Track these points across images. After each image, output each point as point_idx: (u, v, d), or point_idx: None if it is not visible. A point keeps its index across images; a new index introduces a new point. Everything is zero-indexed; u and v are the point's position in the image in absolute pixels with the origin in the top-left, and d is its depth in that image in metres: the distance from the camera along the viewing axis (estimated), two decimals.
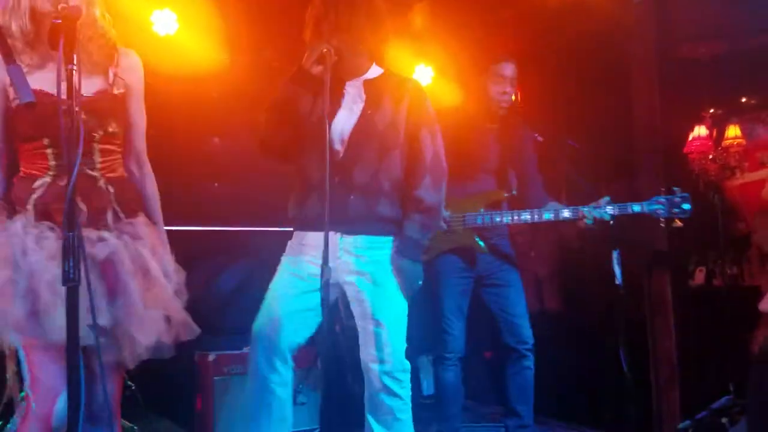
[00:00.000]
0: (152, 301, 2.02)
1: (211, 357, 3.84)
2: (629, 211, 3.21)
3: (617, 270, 3.35)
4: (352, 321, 2.59)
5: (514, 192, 3.42)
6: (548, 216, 3.26)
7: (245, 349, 3.94)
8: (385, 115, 2.51)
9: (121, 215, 2.06)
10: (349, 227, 2.47)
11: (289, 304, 2.52)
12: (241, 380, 3.83)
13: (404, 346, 2.55)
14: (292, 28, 2.62)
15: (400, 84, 2.60)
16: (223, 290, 4.45)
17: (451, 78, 5.10)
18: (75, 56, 1.35)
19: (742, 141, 5.71)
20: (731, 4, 4.82)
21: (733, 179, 5.94)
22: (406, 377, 2.53)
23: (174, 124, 4.26)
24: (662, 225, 3.29)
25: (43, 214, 1.96)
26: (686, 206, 3.18)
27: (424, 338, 3.50)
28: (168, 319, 2.06)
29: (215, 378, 3.80)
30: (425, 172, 2.55)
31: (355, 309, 2.54)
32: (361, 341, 2.53)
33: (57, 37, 1.33)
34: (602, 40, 4.67)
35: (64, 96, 1.82)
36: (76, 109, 1.34)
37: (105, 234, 1.98)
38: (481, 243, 3.32)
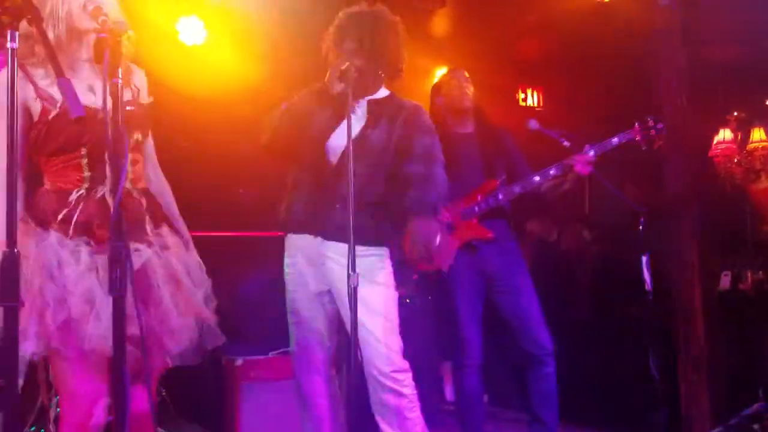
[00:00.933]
0: (184, 309, 2.05)
1: (239, 362, 3.86)
2: (608, 146, 3.27)
3: (647, 275, 3.34)
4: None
5: (504, 177, 3.43)
6: (537, 179, 3.28)
7: (272, 354, 3.98)
8: (380, 133, 2.60)
9: (151, 226, 2.09)
10: (332, 234, 2.56)
11: (302, 318, 2.71)
12: (269, 386, 3.87)
13: (400, 344, 2.60)
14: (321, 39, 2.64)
15: (400, 105, 2.68)
16: (250, 295, 4.47)
17: (472, 81, 5.09)
18: (120, 70, 1.36)
19: (767, 144, 5.66)
20: (756, 8, 4.77)
21: (758, 182, 5.89)
22: (407, 376, 2.58)
23: (202, 131, 4.30)
24: (644, 149, 3.32)
25: (80, 226, 1.97)
26: (660, 125, 3.29)
27: (445, 344, 3.50)
28: (200, 326, 2.09)
29: (243, 383, 3.82)
30: (416, 181, 2.63)
31: (344, 314, 2.56)
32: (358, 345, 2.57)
33: (102, 50, 1.34)
34: (628, 42, 4.65)
35: (96, 106, 1.86)
36: (121, 122, 1.35)
37: (139, 245, 2.01)
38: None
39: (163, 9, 4.14)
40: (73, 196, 1.98)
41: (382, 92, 2.70)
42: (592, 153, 3.25)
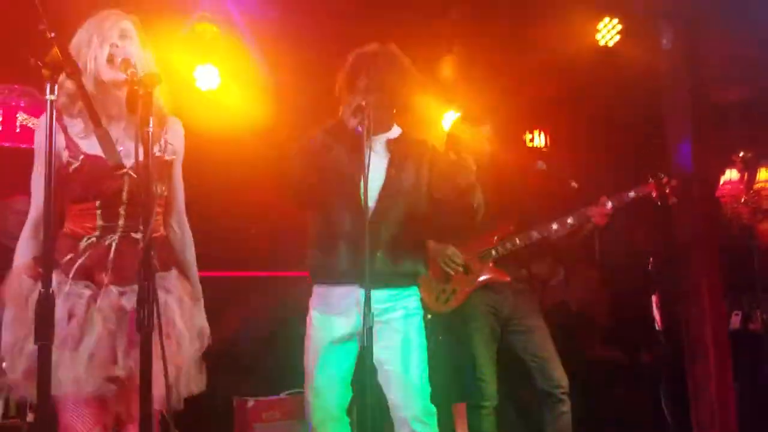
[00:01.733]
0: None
1: (250, 403, 3.85)
2: (625, 199, 3.34)
3: (657, 315, 3.36)
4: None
5: (517, 221, 3.47)
6: (555, 227, 3.33)
7: (283, 395, 3.98)
8: (409, 176, 2.64)
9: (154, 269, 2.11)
10: (374, 282, 2.44)
11: (330, 371, 2.61)
12: (280, 426, 3.86)
13: (428, 389, 2.62)
14: (334, 84, 2.71)
15: (419, 145, 2.73)
16: (261, 334, 4.50)
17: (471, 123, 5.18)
18: (151, 120, 1.43)
19: None
20: (761, 49, 4.87)
21: (766, 222, 5.89)
22: (433, 420, 2.59)
23: (216, 172, 4.38)
24: (659, 204, 3.42)
25: (83, 271, 2.02)
26: (674, 182, 3.40)
27: (459, 385, 3.50)
28: (178, 372, 2.06)
29: (255, 425, 3.81)
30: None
31: (377, 357, 2.52)
32: (385, 388, 2.59)
33: (135, 102, 1.41)
34: (632, 87, 4.74)
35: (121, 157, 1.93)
36: (151, 171, 1.41)
37: (130, 289, 2.01)
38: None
39: (182, 59, 4.30)
40: (84, 243, 2.05)
41: (396, 130, 2.74)
42: (609, 205, 3.30)
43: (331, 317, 2.60)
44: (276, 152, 2.77)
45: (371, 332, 2.26)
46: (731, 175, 5.81)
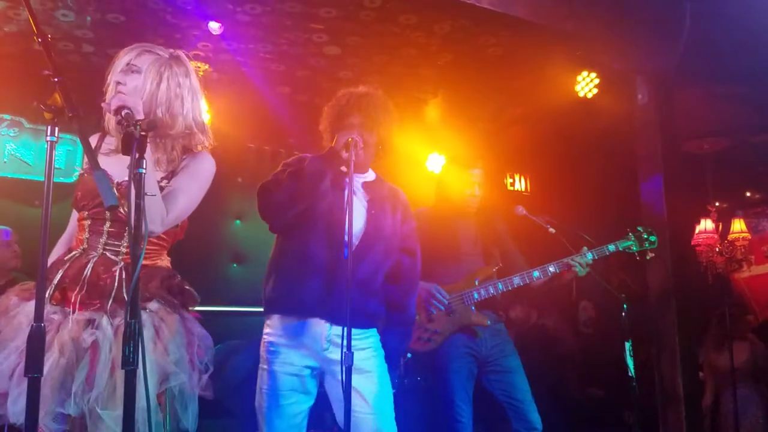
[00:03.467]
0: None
1: None
2: (606, 252, 3.43)
3: (630, 361, 3.43)
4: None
5: (500, 265, 3.55)
6: (536, 274, 3.41)
7: None
8: (387, 220, 2.70)
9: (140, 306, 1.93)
10: (340, 318, 2.42)
11: (290, 416, 2.50)
12: None
13: (395, 429, 2.57)
14: (316, 121, 2.80)
15: (393, 192, 2.80)
16: (240, 373, 4.49)
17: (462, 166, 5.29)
18: (145, 161, 1.49)
19: (747, 235, 5.85)
20: (734, 103, 5.05)
21: (740, 272, 6.02)
22: None
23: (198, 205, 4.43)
24: (637, 258, 3.52)
25: (59, 291, 1.98)
26: (653, 237, 3.48)
27: (436, 424, 3.53)
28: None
29: None
30: (413, 278, 2.76)
31: (338, 396, 2.47)
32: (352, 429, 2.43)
33: (130, 143, 1.48)
34: (609, 136, 4.89)
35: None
36: (143, 210, 1.45)
37: (97, 317, 1.97)
38: (487, 321, 3.42)
39: None
40: (68, 256, 2.05)
41: (371, 174, 2.80)
42: (590, 257, 3.40)
43: (290, 351, 2.49)
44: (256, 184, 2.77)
45: (350, 371, 2.27)
46: (706, 225, 5.97)
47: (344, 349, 2.27)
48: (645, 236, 3.49)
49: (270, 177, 2.60)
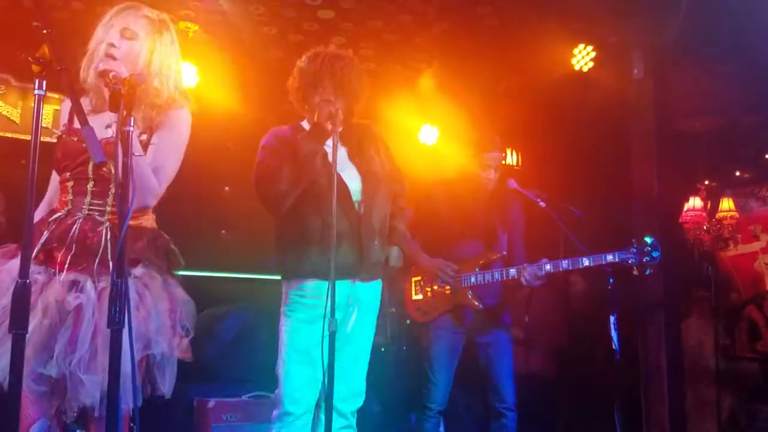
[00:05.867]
0: (101, 363, 1.88)
1: (211, 404, 3.84)
2: (603, 261, 3.34)
3: (614, 335, 3.45)
4: None
5: (504, 253, 3.55)
6: (548, 267, 3.40)
7: (244, 397, 3.99)
8: (376, 163, 2.72)
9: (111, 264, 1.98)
10: (367, 274, 2.62)
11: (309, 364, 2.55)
12: (239, 428, 3.87)
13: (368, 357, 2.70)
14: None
15: (366, 130, 2.81)
16: (225, 338, 4.50)
17: (454, 138, 5.27)
18: (132, 119, 1.46)
19: (735, 214, 5.86)
20: (727, 82, 5.03)
21: (726, 250, 6.06)
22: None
23: (187, 171, 4.38)
24: (635, 273, 3.39)
25: (44, 252, 1.97)
26: (656, 254, 3.30)
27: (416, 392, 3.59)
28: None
29: (214, 425, 3.82)
30: (403, 203, 2.84)
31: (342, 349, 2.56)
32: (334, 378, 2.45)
33: (118, 101, 1.44)
34: (603, 111, 4.87)
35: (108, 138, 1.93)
36: (130, 168, 1.43)
37: (82, 279, 1.96)
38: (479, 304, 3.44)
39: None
40: (53, 217, 2.03)
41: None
42: (586, 263, 3.34)
43: (316, 308, 2.50)
44: (247, 151, 2.75)
45: (333, 336, 2.29)
46: (695, 203, 5.97)
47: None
48: (648, 249, 3.29)
49: (259, 165, 2.62)
